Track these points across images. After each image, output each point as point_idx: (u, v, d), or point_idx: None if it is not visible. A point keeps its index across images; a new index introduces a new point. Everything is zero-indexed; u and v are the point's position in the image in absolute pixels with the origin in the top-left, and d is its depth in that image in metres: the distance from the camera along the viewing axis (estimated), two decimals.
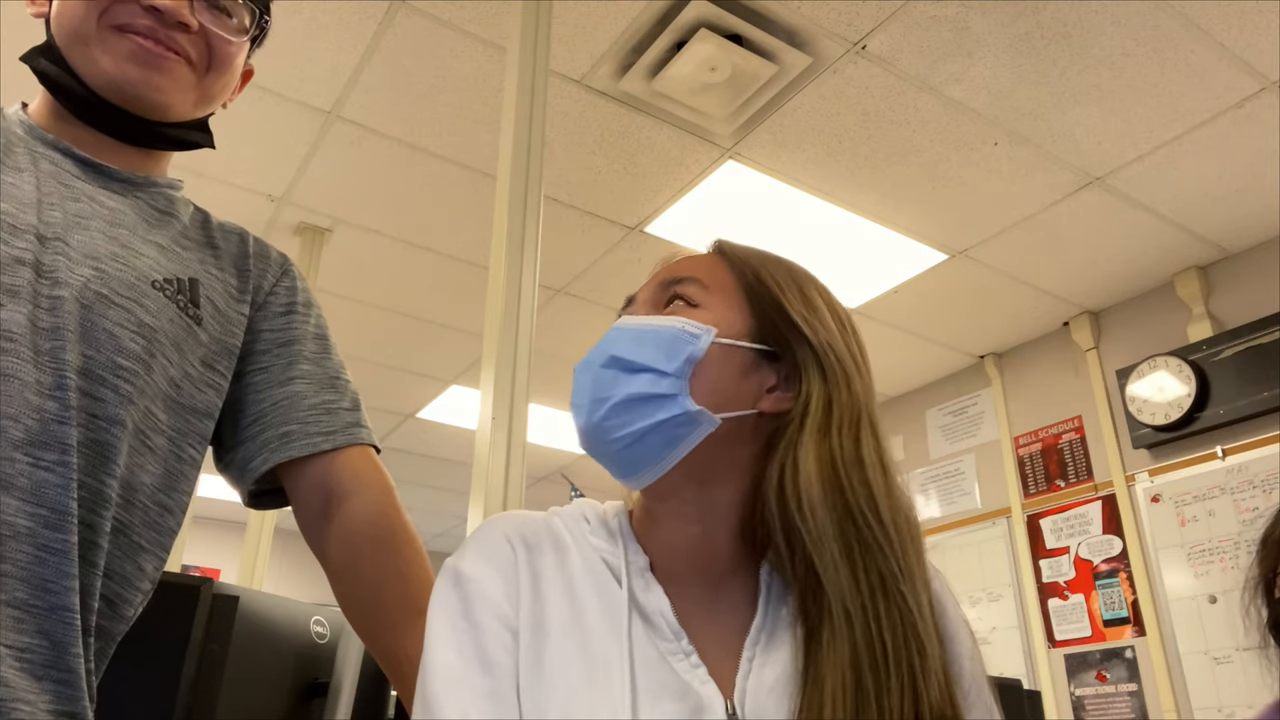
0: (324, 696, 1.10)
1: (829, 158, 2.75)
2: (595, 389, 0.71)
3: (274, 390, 0.91)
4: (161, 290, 0.81)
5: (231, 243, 0.94)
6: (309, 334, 0.96)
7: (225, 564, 5.88)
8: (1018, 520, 3.71)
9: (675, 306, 0.73)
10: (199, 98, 0.90)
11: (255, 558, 2.98)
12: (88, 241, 0.78)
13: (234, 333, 0.89)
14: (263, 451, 0.89)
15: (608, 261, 3.30)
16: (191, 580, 1.00)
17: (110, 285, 0.77)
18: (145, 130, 0.88)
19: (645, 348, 0.70)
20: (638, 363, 0.70)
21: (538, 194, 1.75)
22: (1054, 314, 3.64)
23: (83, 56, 0.84)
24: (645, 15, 2.26)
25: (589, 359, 0.73)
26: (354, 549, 0.89)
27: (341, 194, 2.97)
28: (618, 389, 0.70)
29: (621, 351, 0.70)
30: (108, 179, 0.86)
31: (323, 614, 1.16)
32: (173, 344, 0.81)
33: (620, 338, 0.72)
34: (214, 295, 0.88)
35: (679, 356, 0.69)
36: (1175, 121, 2.58)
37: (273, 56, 2.39)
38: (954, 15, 2.23)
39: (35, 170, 0.80)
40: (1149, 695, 3.16)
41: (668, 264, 0.80)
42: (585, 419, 0.71)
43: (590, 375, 0.72)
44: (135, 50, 0.83)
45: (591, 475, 5.39)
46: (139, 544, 0.78)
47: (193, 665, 0.96)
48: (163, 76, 0.85)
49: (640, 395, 0.69)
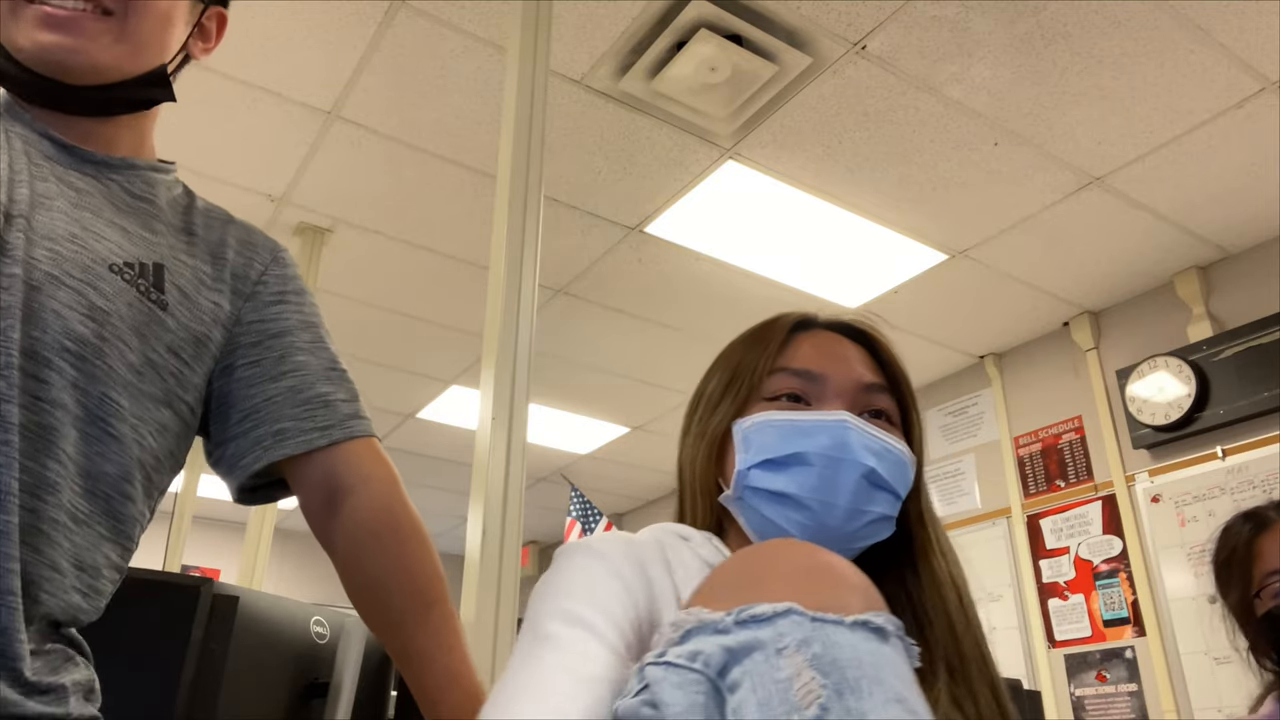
0: (324, 696, 1.09)
1: (829, 158, 2.75)
2: (856, 499, 0.75)
3: (266, 385, 0.88)
4: (120, 274, 0.78)
5: (213, 229, 0.91)
6: (302, 323, 0.93)
7: (225, 564, 5.88)
8: (1018, 520, 3.71)
9: (882, 423, 0.80)
10: (129, 48, 0.85)
11: (255, 558, 2.98)
12: (47, 222, 0.76)
13: (203, 320, 0.86)
14: (255, 449, 0.87)
15: (608, 261, 3.30)
16: (191, 580, 1.00)
17: (62, 267, 0.74)
18: (90, 98, 0.85)
19: (892, 469, 0.77)
20: (888, 483, 0.76)
21: (538, 194, 1.75)
22: (1054, 314, 3.64)
23: (6, 38, 0.82)
24: (645, 15, 2.26)
25: (837, 456, 0.75)
26: (359, 543, 0.88)
27: (341, 194, 2.97)
28: (873, 505, 0.75)
29: (876, 466, 0.75)
30: (80, 160, 0.83)
31: (323, 614, 1.16)
32: (131, 329, 0.78)
33: (867, 450, 0.76)
34: (182, 282, 0.85)
35: (905, 483, 0.78)
36: (1175, 121, 2.58)
37: (273, 56, 2.40)
38: (954, 15, 2.23)
39: (8, 148, 0.78)
40: (1149, 695, 3.16)
41: (832, 347, 0.84)
42: (841, 523, 0.75)
43: (851, 481, 0.75)
44: (42, 16, 0.80)
45: (591, 476, 5.39)
46: (100, 534, 0.76)
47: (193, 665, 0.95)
48: (77, 36, 0.81)
49: (886, 515, 0.76)
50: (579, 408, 4.56)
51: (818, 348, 0.83)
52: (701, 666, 0.53)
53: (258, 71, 2.45)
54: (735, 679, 0.52)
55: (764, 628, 0.54)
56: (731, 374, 0.83)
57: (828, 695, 0.50)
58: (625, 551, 0.69)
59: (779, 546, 0.62)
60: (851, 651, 0.53)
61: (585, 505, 4.70)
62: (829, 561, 0.60)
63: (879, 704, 0.50)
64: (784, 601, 0.55)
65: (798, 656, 0.52)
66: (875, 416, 0.79)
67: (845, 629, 0.54)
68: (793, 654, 0.52)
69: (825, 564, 0.59)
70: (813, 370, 0.80)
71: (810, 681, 0.51)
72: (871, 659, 0.53)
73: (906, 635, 0.58)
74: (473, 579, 1.45)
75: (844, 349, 0.83)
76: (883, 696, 0.51)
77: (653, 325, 3.72)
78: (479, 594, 1.43)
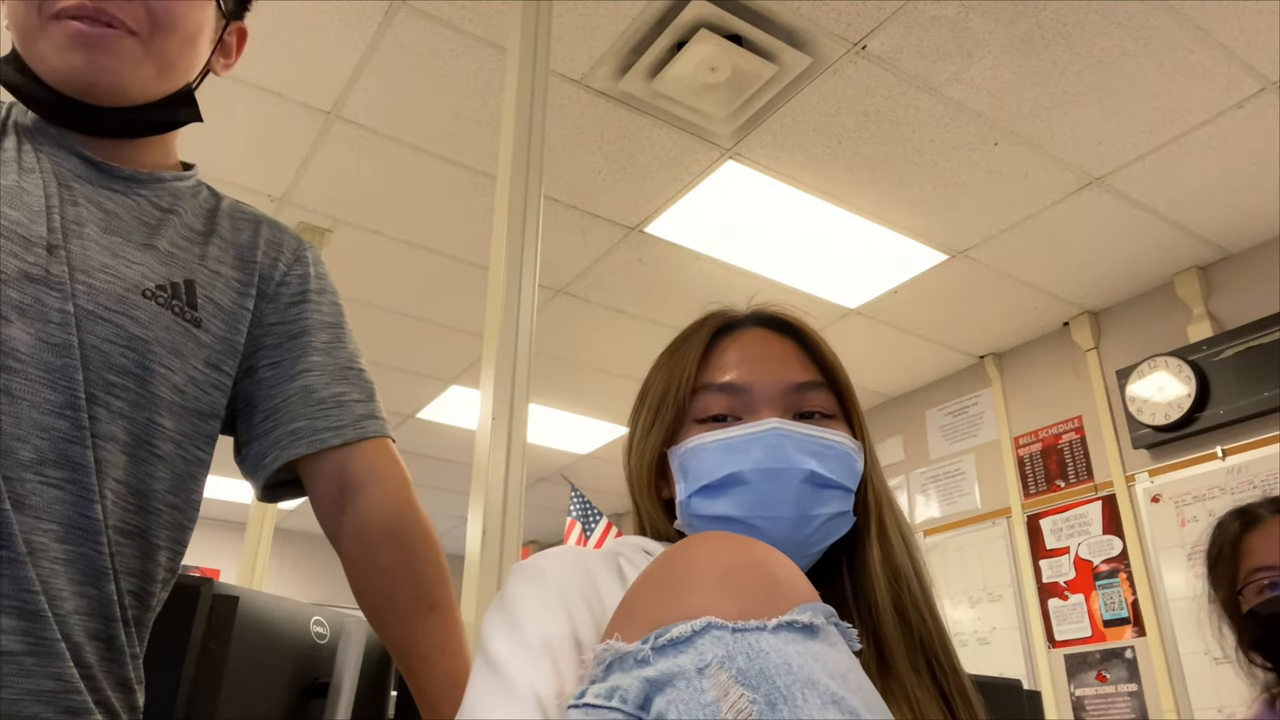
0: (324, 697, 1.09)
1: (829, 158, 2.75)
2: (800, 505, 0.72)
3: (284, 385, 0.90)
4: (154, 298, 0.80)
5: (243, 232, 0.92)
6: (320, 323, 0.94)
7: (225, 564, 5.88)
8: (1018, 520, 3.71)
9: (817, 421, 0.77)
10: (157, 68, 0.85)
11: (255, 558, 2.98)
12: (80, 252, 0.77)
13: (239, 329, 0.88)
14: (274, 449, 0.88)
15: (608, 261, 3.30)
16: (191, 580, 1.00)
17: (98, 300, 0.76)
18: (117, 120, 0.85)
19: (835, 465, 0.74)
20: (833, 480, 0.74)
21: (538, 194, 1.75)
22: (1054, 314, 3.64)
23: (33, 56, 0.82)
24: (645, 15, 2.26)
25: (773, 467, 0.73)
26: (367, 543, 0.88)
27: (341, 194, 2.97)
28: (822, 507, 0.73)
29: (817, 466, 0.73)
30: (110, 178, 0.84)
31: (323, 614, 1.16)
32: (170, 351, 0.80)
33: (804, 452, 0.74)
34: (214, 294, 0.86)
35: (853, 474, 0.76)
36: (1175, 121, 2.58)
37: (273, 56, 2.40)
38: (954, 15, 2.23)
39: (40, 170, 0.79)
40: (1149, 695, 3.16)
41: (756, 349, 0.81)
42: (789, 533, 0.72)
43: (791, 489, 0.72)
44: (72, 35, 0.79)
45: (591, 476, 5.39)
46: (156, 544, 0.79)
47: (192, 665, 0.95)
48: (107, 55, 0.81)
49: (839, 512, 0.74)
50: (579, 408, 4.56)
51: (742, 352, 0.79)
52: (619, 704, 0.51)
53: (258, 71, 2.45)
54: (660, 710, 0.50)
55: (683, 652, 0.51)
56: (660, 394, 0.81)
57: (759, 709, 0.48)
58: (571, 568, 0.67)
59: (698, 546, 0.58)
60: (779, 657, 0.50)
61: (585, 505, 4.70)
62: (750, 558, 0.56)
63: (814, 709, 0.48)
64: (702, 616, 0.52)
65: (722, 674, 0.50)
66: (809, 416, 0.77)
67: (769, 634, 0.51)
68: (716, 672, 0.50)
69: (745, 562, 0.56)
70: (736, 383, 0.77)
71: (739, 699, 0.49)
72: (800, 661, 0.50)
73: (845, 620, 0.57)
74: (473, 579, 1.45)
75: (770, 348, 0.80)
76: (818, 700, 0.49)
77: (653, 325, 3.72)
78: (479, 594, 1.43)
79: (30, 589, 0.67)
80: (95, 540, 0.72)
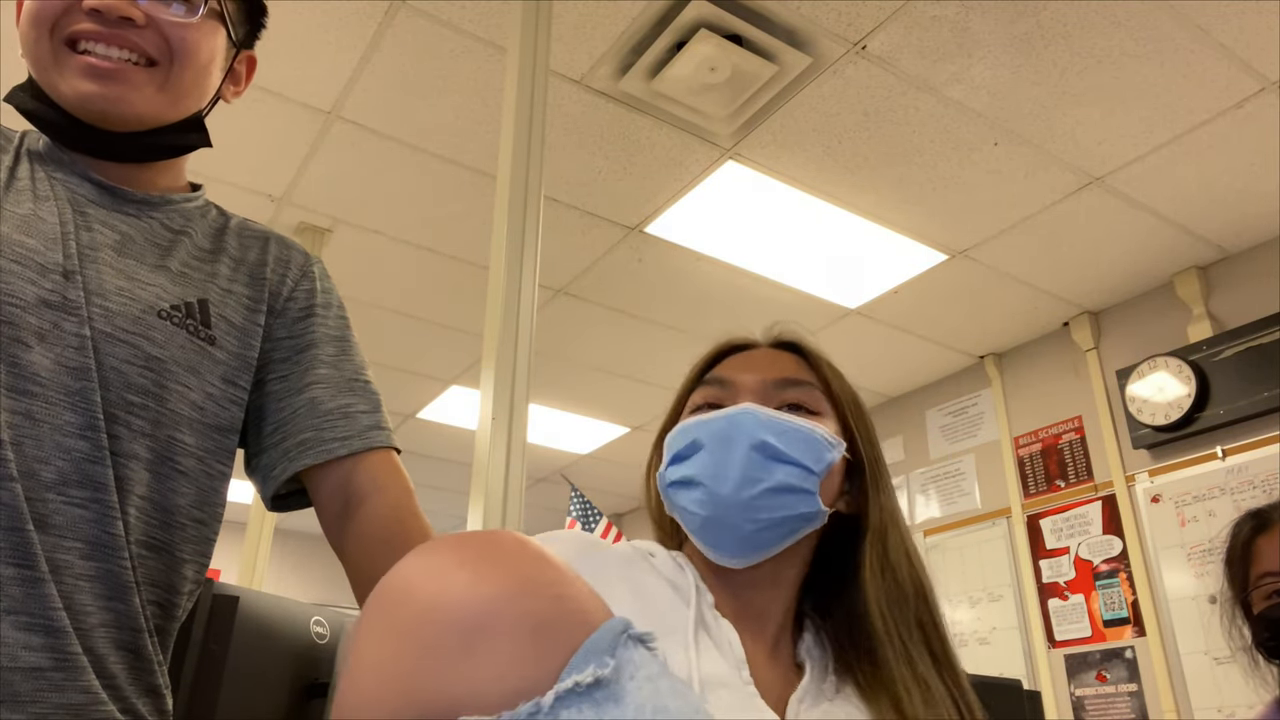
0: (324, 697, 1.10)
1: (829, 158, 2.75)
2: (747, 468, 0.73)
3: (292, 398, 0.92)
4: (169, 319, 0.82)
5: (251, 249, 0.94)
6: (327, 337, 0.96)
7: (225, 564, 5.87)
8: (1018, 520, 3.71)
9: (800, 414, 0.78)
10: (171, 97, 0.87)
11: (255, 558, 2.99)
12: (95, 276, 0.79)
13: (251, 344, 0.90)
14: (282, 460, 0.90)
15: (608, 261, 3.30)
16: None
17: (114, 322, 0.78)
18: (130, 145, 0.87)
19: (794, 443, 0.75)
20: (789, 455, 0.74)
21: (538, 194, 1.75)
22: (1054, 314, 3.64)
23: (48, 84, 0.83)
24: (645, 15, 2.26)
25: (729, 434, 0.75)
26: (368, 551, 0.90)
27: (341, 194, 2.97)
28: (771, 474, 0.73)
29: (772, 439, 0.74)
30: (123, 201, 0.86)
31: (323, 614, 1.16)
32: (187, 369, 0.82)
33: (763, 427, 0.75)
34: (227, 311, 0.88)
35: (823, 460, 0.75)
36: (1175, 121, 2.58)
37: (273, 56, 2.39)
38: (954, 15, 2.23)
39: (54, 197, 0.81)
40: (1149, 695, 3.16)
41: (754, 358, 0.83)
42: (732, 492, 0.73)
43: (740, 453, 0.74)
44: (87, 66, 0.82)
45: (591, 476, 5.39)
46: (181, 558, 0.82)
47: (193, 665, 0.96)
48: (121, 85, 0.83)
49: (790, 486, 0.73)
50: (579, 408, 4.56)
51: (738, 360, 0.84)
52: None
53: (258, 71, 2.44)
54: None
55: None
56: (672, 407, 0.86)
57: None
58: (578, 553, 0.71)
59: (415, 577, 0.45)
60: None
61: (585, 505, 4.70)
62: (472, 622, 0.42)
63: None
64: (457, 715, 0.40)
65: None
66: (790, 409, 0.78)
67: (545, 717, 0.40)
68: None
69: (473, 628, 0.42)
70: (724, 377, 0.81)
71: None
72: None
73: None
74: None
75: (766, 355, 0.84)
76: None
77: (653, 325, 3.72)
78: None
79: (53, 605, 0.69)
80: (118, 556, 0.75)
